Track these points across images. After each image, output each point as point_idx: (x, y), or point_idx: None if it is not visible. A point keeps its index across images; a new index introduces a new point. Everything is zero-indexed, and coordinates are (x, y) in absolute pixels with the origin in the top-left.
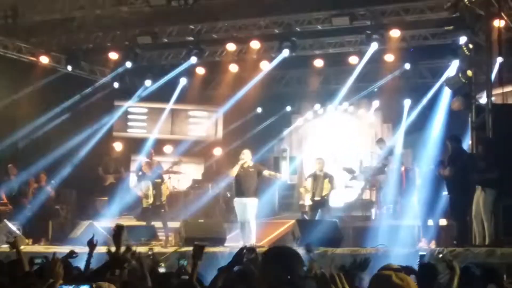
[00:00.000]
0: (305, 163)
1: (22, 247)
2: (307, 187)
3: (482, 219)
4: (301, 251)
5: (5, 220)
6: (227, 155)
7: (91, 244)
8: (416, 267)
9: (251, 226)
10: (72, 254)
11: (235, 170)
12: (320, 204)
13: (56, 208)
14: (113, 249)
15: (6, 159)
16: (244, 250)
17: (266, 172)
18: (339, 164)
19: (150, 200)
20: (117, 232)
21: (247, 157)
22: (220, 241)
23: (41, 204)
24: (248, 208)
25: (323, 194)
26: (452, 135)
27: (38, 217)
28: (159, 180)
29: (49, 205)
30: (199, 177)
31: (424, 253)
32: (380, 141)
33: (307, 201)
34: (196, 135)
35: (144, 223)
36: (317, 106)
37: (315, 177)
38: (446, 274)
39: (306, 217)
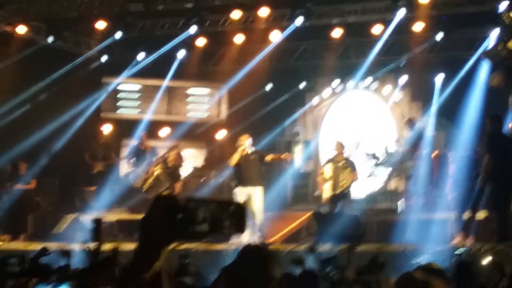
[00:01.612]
0: (321, 149)
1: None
2: (325, 176)
3: None
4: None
5: None
6: (232, 139)
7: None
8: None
9: (256, 219)
10: (44, 252)
11: (234, 159)
12: (341, 197)
13: (36, 200)
14: (91, 245)
15: None
16: (252, 248)
17: (269, 157)
18: (361, 150)
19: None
20: (96, 227)
21: (245, 143)
22: (225, 237)
23: (19, 196)
24: (253, 198)
25: (345, 186)
26: (493, 114)
27: (16, 210)
28: (164, 167)
29: (29, 196)
30: (200, 164)
31: (460, 252)
32: (409, 122)
33: (326, 193)
34: (196, 116)
35: (138, 217)
36: (335, 83)
37: (335, 164)
38: (494, 275)
39: (323, 209)
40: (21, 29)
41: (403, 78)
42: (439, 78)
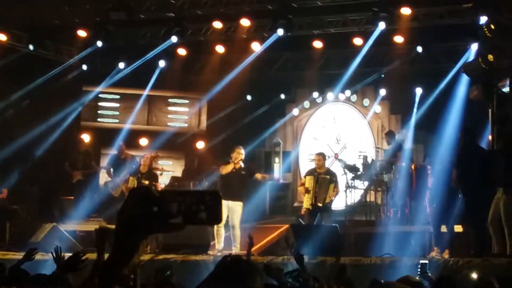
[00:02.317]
0: (301, 160)
1: None
2: (308, 187)
3: (499, 225)
4: (293, 260)
5: None
6: (212, 149)
7: (59, 259)
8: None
9: (235, 233)
10: (31, 253)
11: (228, 169)
12: (321, 209)
13: (14, 208)
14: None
15: None
16: (228, 259)
17: (258, 176)
18: (341, 161)
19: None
20: (101, 236)
21: (242, 157)
22: (203, 248)
23: None
24: (232, 212)
25: (327, 201)
26: (465, 128)
27: None
28: (138, 176)
29: (5, 204)
30: (179, 174)
31: (426, 261)
32: (389, 134)
33: (305, 204)
34: (176, 126)
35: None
36: (315, 94)
37: (317, 178)
38: None
39: (302, 221)
40: (1, 37)
41: (383, 91)
42: (419, 90)
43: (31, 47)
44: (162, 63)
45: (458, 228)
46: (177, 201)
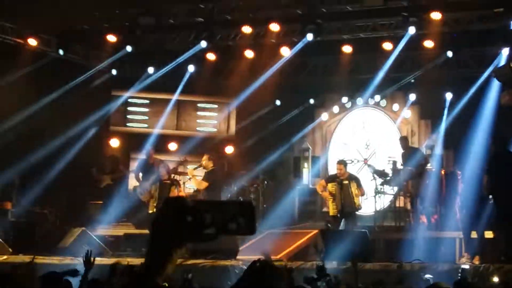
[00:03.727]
0: (330, 165)
1: (4, 256)
2: (332, 192)
3: None
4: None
5: None
6: (241, 154)
7: (88, 263)
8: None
9: None
10: (75, 273)
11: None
12: (347, 215)
13: (43, 212)
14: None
15: None
16: (258, 264)
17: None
18: (370, 166)
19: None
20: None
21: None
22: (232, 253)
23: (25, 208)
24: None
25: (356, 204)
26: (495, 134)
27: (23, 222)
28: (168, 182)
29: (35, 209)
30: None
31: (467, 266)
32: (402, 139)
33: (332, 212)
34: (205, 130)
35: (146, 231)
36: (344, 99)
37: (340, 184)
38: None
39: (331, 226)
40: (32, 42)
41: (412, 96)
42: (449, 95)
43: (60, 52)
44: (191, 68)
45: (488, 234)
46: (211, 211)
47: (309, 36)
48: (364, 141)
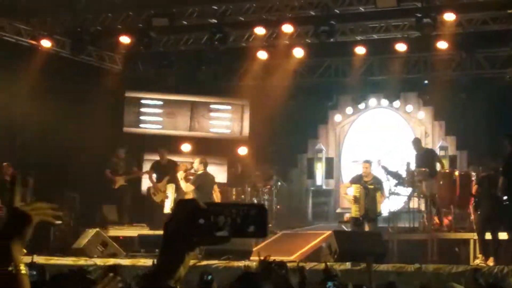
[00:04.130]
0: (344, 166)
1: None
2: (357, 196)
3: None
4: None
5: None
6: (254, 155)
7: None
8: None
9: None
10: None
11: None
12: (370, 219)
13: (57, 214)
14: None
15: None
16: (273, 265)
17: None
18: (383, 168)
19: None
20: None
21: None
22: (246, 253)
23: None
24: None
25: (378, 210)
26: (510, 136)
27: (37, 223)
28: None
29: None
30: (222, 180)
31: (480, 268)
32: (415, 141)
33: (354, 214)
34: (218, 132)
35: (160, 232)
36: (358, 100)
37: (365, 188)
38: None
39: (345, 227)
40: (46, 43)
41: (426, 96)
42: (463, 96)
43: (74, 53)
44: (204, 69)
45: (503, 236)
46: (224, 214)
47: (322, 37)
48: (378, 142)
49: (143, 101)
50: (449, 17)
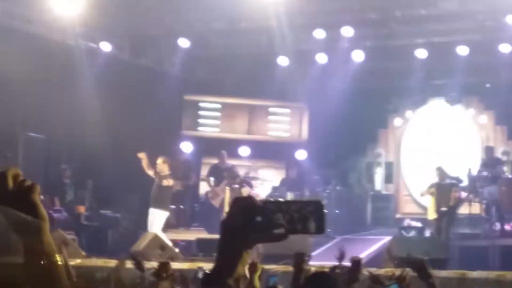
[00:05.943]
0: (404, 170)
1: (78, 260)
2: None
3: None
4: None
5: (59, 230)
6: (313, 159)
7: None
8: None
9: None
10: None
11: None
12: (446, 213)
13: (115, 217)
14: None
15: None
16: (337, 270)
17: None
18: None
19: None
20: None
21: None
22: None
23: (98, 212)
24: None
25: (451, 203)
26: None
27: (95, 226)
28: (237, 186)
29: (108, 213)
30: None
31: None
32: (487, 149)
33: (431, 216)
34: (276, 135)
35: (218, 236)
36: (418, 104)
37: (438, 186)
38: None
39: (405, 233)
40: (105, 46)
41: (488, 100)
42: None
43: (133, 56)
44: (262, 72)
45: None
46: (281, 211)
47: (382, 40)
48: (438, 146)
49: (201, 104)
50: None
